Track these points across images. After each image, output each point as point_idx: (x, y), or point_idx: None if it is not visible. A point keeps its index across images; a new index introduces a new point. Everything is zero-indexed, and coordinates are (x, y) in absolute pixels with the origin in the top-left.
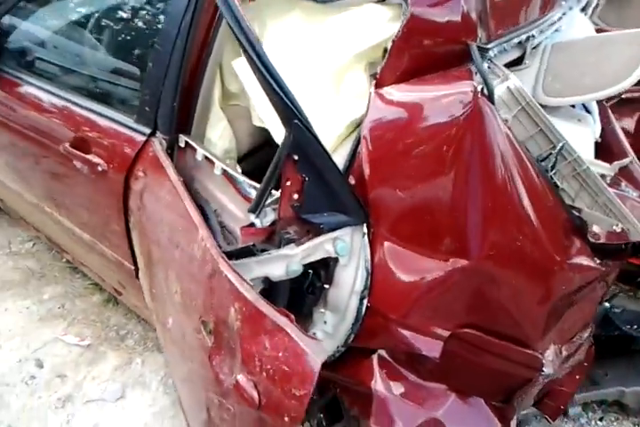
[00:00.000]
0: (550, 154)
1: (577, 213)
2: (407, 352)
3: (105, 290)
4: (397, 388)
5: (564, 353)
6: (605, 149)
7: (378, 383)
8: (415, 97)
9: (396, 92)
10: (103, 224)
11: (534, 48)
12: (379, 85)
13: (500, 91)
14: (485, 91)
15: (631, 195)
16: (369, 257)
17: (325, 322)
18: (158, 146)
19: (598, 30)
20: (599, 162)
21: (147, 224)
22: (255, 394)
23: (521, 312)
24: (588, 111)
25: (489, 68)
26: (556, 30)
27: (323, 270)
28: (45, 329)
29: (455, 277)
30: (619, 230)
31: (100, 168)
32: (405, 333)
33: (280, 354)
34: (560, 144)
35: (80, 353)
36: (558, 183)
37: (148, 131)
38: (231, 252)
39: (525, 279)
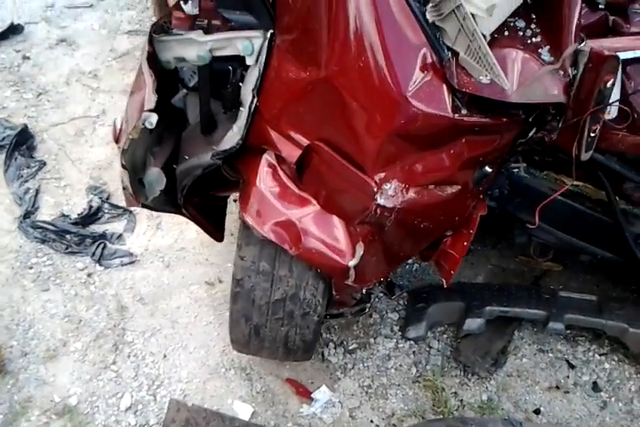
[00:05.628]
0: None
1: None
2: (284, 158)
3: None
4: (273, 188)
5: (413, 195)
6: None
7: (259, 180)
8: None
9: None
10: None
11: None
12: None
13: None
14: None
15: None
16: (264, 59)
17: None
18: None
19: None
20: (477, 1)
21: None
22: None
23: (359, 135)
24: None
25: None
26: None
27: (240, 70)
28: None
29: (311, 87)
30: (486, 82)
31: None
32: (273, 133)
33: None
34: None
35: None
36: (437, 21)
37: None
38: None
39: (366, 100)
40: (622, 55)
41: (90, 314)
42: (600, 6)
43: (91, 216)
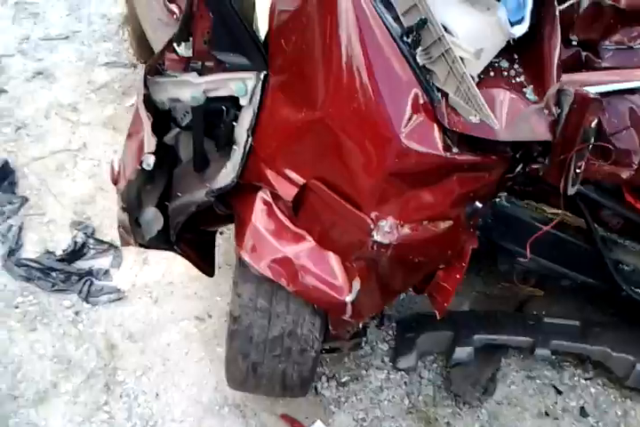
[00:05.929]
0: (411, 28)
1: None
2: (279, 195)
3: None
4: (269, 225)
5: (407, 231)
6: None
7: (255, 217)
8: None
9: None
10: None
11: None
12: None
13: None
14: None
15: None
16: (258, 100)
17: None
18: None
19: None
20: (464, 45)
21: None
22: None
23: (355, 173)
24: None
25: None
26: None
27: (234, 110)
28: None
29: (306, 127)
30: (475, 121)
31: None
32: (269, 172)
33: None
34: (422, 17)
35: None
36: (427, 64)
37: None
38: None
39: (361, 141)
40: (595, 89)
41: (79, 353)
42: (573, 43)
43: (76, 252)
